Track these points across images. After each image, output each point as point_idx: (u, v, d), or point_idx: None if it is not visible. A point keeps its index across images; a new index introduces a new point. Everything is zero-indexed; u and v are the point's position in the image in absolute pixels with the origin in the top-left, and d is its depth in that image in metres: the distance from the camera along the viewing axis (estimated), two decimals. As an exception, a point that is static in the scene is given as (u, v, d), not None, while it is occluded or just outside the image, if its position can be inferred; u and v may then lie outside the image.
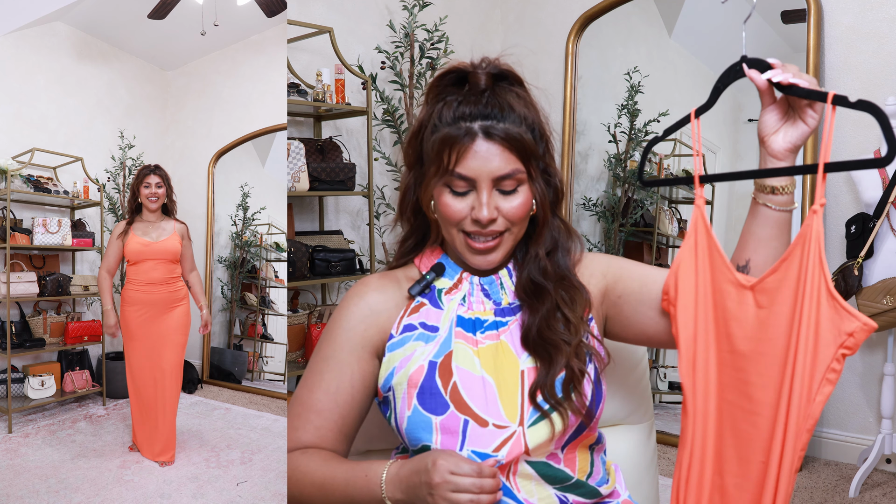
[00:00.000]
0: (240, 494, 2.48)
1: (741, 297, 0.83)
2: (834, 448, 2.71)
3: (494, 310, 0.94)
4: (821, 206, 0.74)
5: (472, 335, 0.92)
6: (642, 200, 3.22)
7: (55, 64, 3.91)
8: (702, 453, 0.86)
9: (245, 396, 4.05)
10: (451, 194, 0.88)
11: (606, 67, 3.37)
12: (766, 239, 0.85)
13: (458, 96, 0.88)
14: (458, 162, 0.86)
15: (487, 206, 0.86)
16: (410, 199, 0.96)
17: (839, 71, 2.64)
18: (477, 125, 0.86)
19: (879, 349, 2.61)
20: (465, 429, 0.85)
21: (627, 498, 1.00)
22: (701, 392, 0.86)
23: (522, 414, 0.86)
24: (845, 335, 0.72)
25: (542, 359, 0.89)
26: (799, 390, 0.74)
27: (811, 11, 2.63)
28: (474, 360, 0.89)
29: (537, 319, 0.90)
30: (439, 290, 0.95)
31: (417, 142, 0.92)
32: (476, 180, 0.86)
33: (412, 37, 2.90)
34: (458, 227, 0.90)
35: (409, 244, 1.00)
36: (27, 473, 2.63)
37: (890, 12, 2.55)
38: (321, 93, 2.70)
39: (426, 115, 0.91)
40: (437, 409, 0.87)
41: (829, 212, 2.69)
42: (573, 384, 0.88)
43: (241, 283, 4.37)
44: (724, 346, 0.84)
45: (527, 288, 0.93)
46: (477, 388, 0.87)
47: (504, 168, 0.86)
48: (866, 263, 2.37)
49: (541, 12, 3.57)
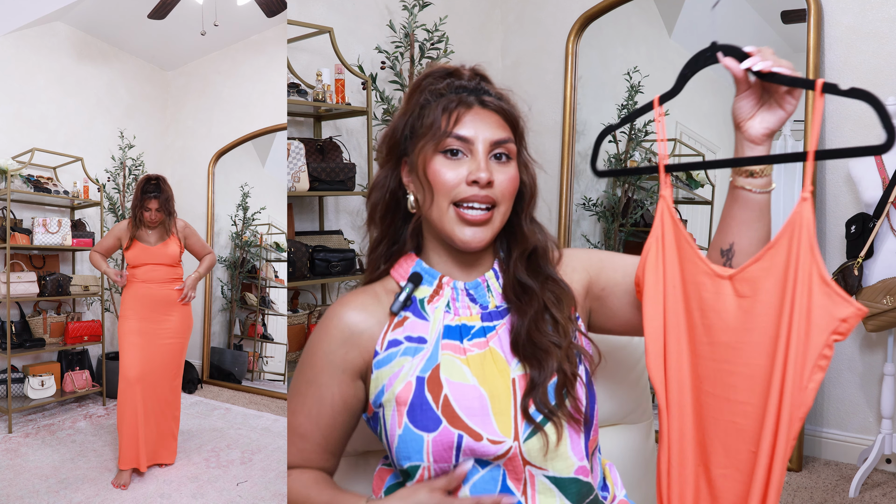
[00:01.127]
0: (240, 494, 2.48)
1: (718, 287, 0.82)
2: (834, 448, 2.71)
3: (481, 314, 0.92)
4: (810, 193, 0.73)
5: (458, 343, 0.89)
6: (642, 200, 3.22)
7: (55, 64, 3.91)
8: (680, 447, 0.85)
9: (245, 396, 4.05)
10: (446, 160, 0.87)
11: (606, 67, 3.37)
12: (747, 222, 0.84)
13: (448, 80, 0.91)
14: (456, 123, 0.87)
15: (487, 167, 0.86)
16: (383, 198, 0.94)
17: (839, 71, 2.64)
18: (472, 97, 0.89)
19: (879, 349, 2.61)
20: (458, 444, 0.83)
21: (624, 498, 0.99)
22: (675, 385, 0.86)
23: (517, 429, 0.84)
24: (838, 321, 0.72)
25: (532, 365, 0.87)
26: (792, 378, 0.74)
27: (811, 11, 2.63)
28: (464, 370, 0.87)
29: (526, 322, 0.88)
30: (421, 300, 0.92)
31: (398, 134, 0.92)
32: (473, 142, 0.87)
33: (412, 37, 2.90)
34: (450, 198, 0.87)
35: (382, 250, 0.96)
36: (27, 473, 2.63)
37: (890, 12, 2.55)
38: (321, 93, 2.70)
39: (411, 107, 0.92)
40: (428, 425, 0.84)
41: (829, 212, 2.69)
42: (566, 389, 0.86)
43: (241, 283, 4.37)
44: (702, 339, 0.84)
45: (515, 289, 0.91)
46: (469, 398, 0.85)
47: (500, 133, 0.88)
48: (866, 263, 2.37)
49: (541, 12, 3.57)
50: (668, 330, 0.87)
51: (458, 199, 0.87)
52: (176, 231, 2.78)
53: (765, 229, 0.84)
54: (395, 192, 0.94)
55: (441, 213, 0.88)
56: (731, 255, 0.86)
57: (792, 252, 0.74)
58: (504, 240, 0.95)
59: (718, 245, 0.88)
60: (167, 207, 2.73)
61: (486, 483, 0.84)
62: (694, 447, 0.85)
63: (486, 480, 0.84)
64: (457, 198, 0.86)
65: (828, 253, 2.68)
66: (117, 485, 2.50)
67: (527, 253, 0.92)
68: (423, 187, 0.89)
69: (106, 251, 2.79)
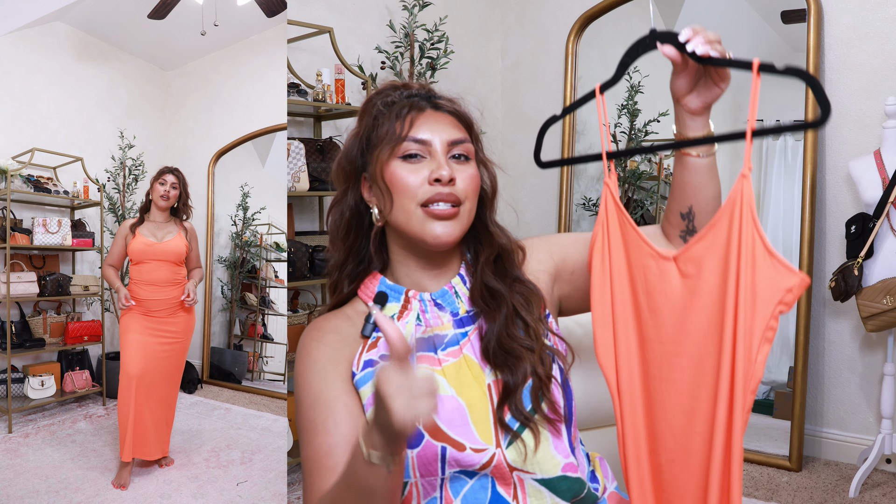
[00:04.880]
0: (240, 494, 2.48)
1: (663, 269, 0.82)
2: (834, 448, 2.71)
3: (453, 321, 0.91)
4: (748, 170, 0.74)
5: (432, 355, 0.88)
6: (642, 200, 3.22)
7: (55, 64, 3.91)
8: (634, 433, 0.85)
9: (245, 396, 4.05)
10: (405, 164, 0.87)
11: (606, 67, 3.37)
12: (700, 185, 0.88)
13: (398, 91, 0.92)
14: (412, 127, 0.87)
15: (448, 166, 0.86)
16: (343, 216, 0.92)
17: (839, 71, 2.64)
18: (424, 102, 0.91)
19: (879, 349, 2.60)
20: (443, 455, 0.82)
21: (615, 490, 0.98)
22: (625, 373, 0.86)
23: (497, 436, 0.84)
24: (784, 291, 0.72)
25: (504, 371, 0.86)
26: (742, 353, 0.74)
27: (811, 11, 2.63)
28: (440, 381, 0.85)
29: (496, 328, 0.87)
30: (391, 318, 0.90)
31: (353, 153, 0.92)
32: (431, 143, 0.87)
33: (412, 37, 2.89)
34: (416, 200, 0.86)
35: (348, 269, 0.94)
36: (27, 473, 2.63)
37: (890, 12, 2.55)
38: (321, 93, 2.70)
39: (363, 125, 0.92)
40: (411, 441, 0.82)
41: (829, 212, 2.69)
42: (541, 392, 0.85)
43: (241, 283, 4.37)
44: (649, 322, 0.84)
45: (483, 293, 0.90)
46: (449, 409, 0.83)
47: (456, 133, 0.89)
48: (866, 263, 2.37)
49: (541, 12, 3.57)
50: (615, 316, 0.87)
51: (423, 201, 0.86)
52: (185, 230, 2.78)
53: (716, 188, 0.89)
54: (355, 209, 0.93)
55: (408, 215, 0.86)
56: (691, 217, 0.90)
57: (734, 228, 0.75)
58: (470, 243, 0.95)
59: (677, 209, 0.91)
60: (184, 188, 2.75)
61: (475, 493, 0.84)
62: (646, 434, 0.85)
63: (475, 490, 0.84)
64: (422, 199, 0.86)
65: (828, 253, 2.67)
66: (117, 485, 2.50)
67: (493, 256, 0.92)
68: (384, 194, 0.87)
69: (118, 261, 2.81)
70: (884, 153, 2.40)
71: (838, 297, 2.40)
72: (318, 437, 0.83)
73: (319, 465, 0.82)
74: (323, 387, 0.86)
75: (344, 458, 0.81)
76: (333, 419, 0.84)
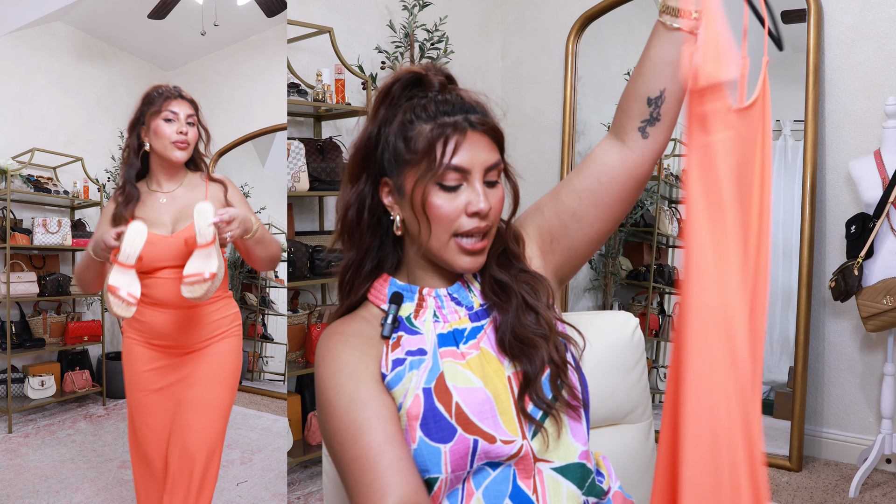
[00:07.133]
0: (240, 494, 2.48)
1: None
2: (834, 448, 2.71)
3: (469, 315, 0.91)
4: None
5: (455, 349, 0.88)
6: (642, 200, 3.21)
7: (55, 64, 3.91)
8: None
9: (245, 396, 4.05)
10: (443, 192, 0.85)
11: (606, 67, 3.37)
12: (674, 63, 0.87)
13: (427, 93, 0.88)
14: (454, 153, 0.84)
15: (485, 196, 0.85)
16: (361, 216, 0.90)
17: (839, 71, 2.64)
18: (461, 118, 0.85)
19: (879, 349, 2.60)
20: (474, 449, 0.82)
21: (619, 489, 0.98)
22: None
23: (522, 427, 0.84)
24: None
25: (522, 361, 0.86)
26: None
27: (811, 11, 2.63)
28: (467, 374, 0.86)
29: (509, 318, 0.88)
30: (407, 317, 0.91)
31: (373, 145, 0.89)
32: (471, 171, 0.85)
33: (412, 37, 2.90)
34: (451, 231, 0.85)
35: (367, 268, 0.93)
36: (27, 473, 2.63)
37: (890, 12, 2.55)
38: (321, 93, 2.71)
39: (384, 119, 0.88)
40: (444, 437, 0.81)
41: (829, 212, 2.69)
42: (560, 378, 0.86)
43: (241, 283, 4.37)
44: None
45: (493, 287, 0.91)
46: (479, 402, 0.84)
47: (492, 158, 0.87)
48: (866, 263, 2.37)
49: (541, 12, 3.57)
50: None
51: (459, 232, 0.86)
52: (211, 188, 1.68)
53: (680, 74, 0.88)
54: (374, 211, 0.91)
55: (441, 244, 0.86)
56: (660, 103, 0.89)
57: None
58: None
59: (644, 94, 0.90)
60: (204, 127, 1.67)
61: (498, 484, 0.84)
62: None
63: (497, 482, 0.84)
64: (458, 230, 0.85)
65: (828, 253, 2.67)
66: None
67: (499, 250, 0.92)
68: (419, 219, 0.86)
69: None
70: (884, 153, 2.40)
71: (838, 297, 2.40)
72: (364, 436, 0.80)
73: (374, 463, 0.78)
74: (358, 387, 0.84)
75: (397, 454, 0.79)
76: (377, 417, 0.81)
